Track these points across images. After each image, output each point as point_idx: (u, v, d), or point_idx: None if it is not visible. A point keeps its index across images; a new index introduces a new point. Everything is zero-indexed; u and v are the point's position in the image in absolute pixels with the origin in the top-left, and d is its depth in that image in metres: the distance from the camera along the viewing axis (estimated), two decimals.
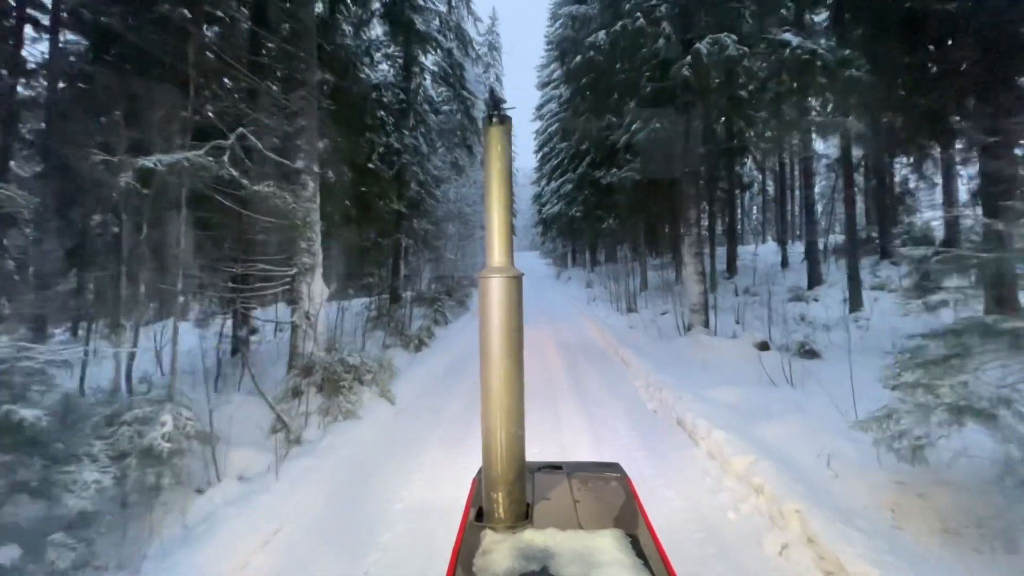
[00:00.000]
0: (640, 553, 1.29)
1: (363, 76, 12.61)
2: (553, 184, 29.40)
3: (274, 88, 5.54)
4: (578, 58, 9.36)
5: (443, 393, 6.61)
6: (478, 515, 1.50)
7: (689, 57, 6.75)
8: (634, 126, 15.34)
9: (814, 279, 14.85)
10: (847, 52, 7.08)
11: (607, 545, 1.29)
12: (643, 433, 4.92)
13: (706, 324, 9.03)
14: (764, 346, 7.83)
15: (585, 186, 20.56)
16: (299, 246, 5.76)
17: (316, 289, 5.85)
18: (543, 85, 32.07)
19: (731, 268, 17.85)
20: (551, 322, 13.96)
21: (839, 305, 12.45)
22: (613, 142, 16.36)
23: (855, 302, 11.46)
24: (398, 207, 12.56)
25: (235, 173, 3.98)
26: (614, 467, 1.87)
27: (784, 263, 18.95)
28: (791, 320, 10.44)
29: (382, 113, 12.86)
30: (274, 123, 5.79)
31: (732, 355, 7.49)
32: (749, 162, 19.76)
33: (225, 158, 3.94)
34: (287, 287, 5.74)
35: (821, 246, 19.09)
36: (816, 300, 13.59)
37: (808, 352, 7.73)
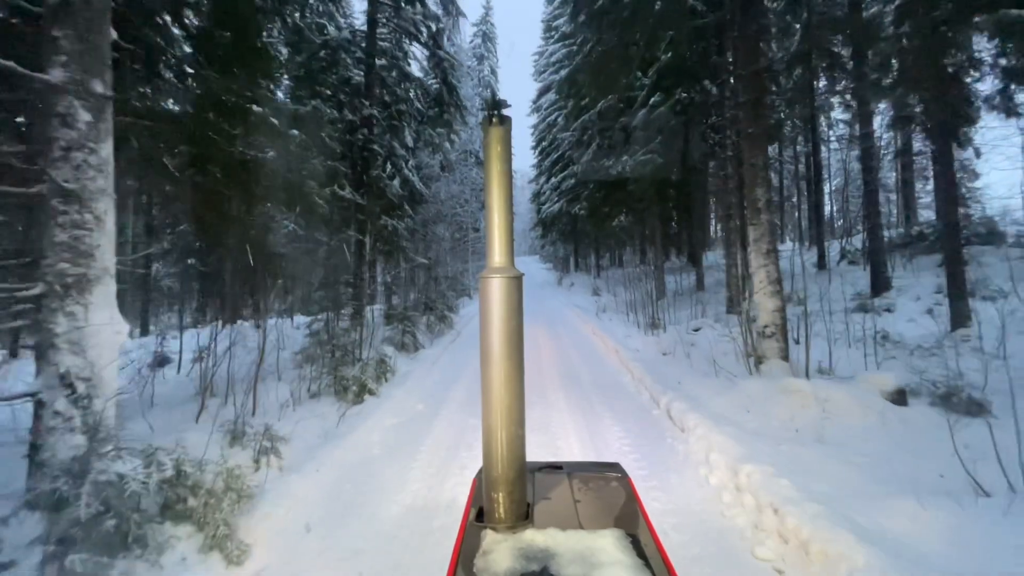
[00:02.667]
0: (641, 553, 1.23)
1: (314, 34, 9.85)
2: (553, 180, 26.58)
3: None
4: None
5: (359, 512, 3.35)
6: (478, 515, 1.45)
7: None
8: (653, 98, 12.47)
9: (880, 284, 11.98)
10: None
11: (608, 545, 1.24)
12: None
13: (785, 355, 6.11)
14: (901, 397, 4.92)
15: (589, 180, 17.77)
16: (53, 239, 2.84)
17: (95, 319, 2.93)
18: (540, 72, 29.32)
19: None
20: (555, 341, 10.96)
21: (925, 319, 9.57)
22: (624, 125, 13.63)
23: (959, 316, 8.45)
24: (353, 196, 9.67)
25: None
26: (615, 467, 1.76)
27: (821, 265, 16.30)
28: (868, 339, 7.57)
29: (334, 79, 10.06)
30: None
31: (858, 415, 4.55)
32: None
33: None
34: (25, 321, 2.80)
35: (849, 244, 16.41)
36: (889, 311, 10.75)
37: (969, 404, 4.83)
